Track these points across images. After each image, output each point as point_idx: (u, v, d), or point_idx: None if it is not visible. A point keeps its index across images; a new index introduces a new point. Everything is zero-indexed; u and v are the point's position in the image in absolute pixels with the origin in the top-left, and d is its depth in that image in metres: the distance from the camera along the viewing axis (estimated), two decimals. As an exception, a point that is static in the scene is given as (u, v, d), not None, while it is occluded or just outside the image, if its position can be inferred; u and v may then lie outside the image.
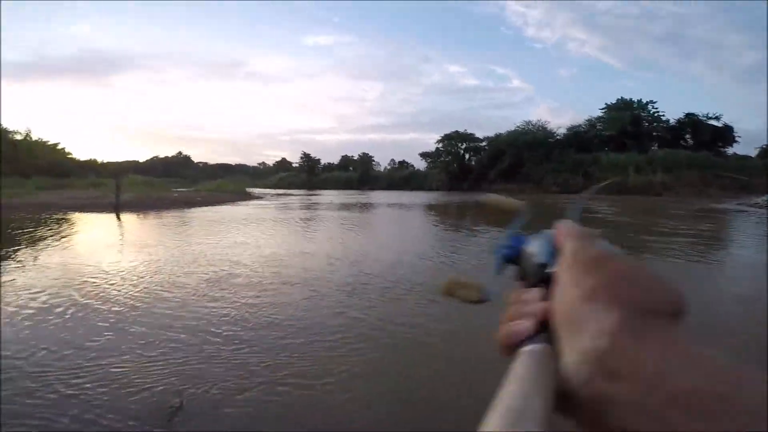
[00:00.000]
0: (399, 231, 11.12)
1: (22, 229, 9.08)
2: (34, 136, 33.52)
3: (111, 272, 4.99)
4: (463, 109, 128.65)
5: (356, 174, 61.38)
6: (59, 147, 36.39)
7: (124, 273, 4.96)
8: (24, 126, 46.53)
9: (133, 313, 3.53)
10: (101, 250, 6.80)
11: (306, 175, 63.30)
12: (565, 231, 0.34)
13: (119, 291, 4.20)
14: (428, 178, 51.22)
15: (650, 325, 0.23)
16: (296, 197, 29.40)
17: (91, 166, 37.83)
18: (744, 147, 41.00)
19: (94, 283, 4.50)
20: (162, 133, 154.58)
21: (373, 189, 50.18)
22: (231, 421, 2.10)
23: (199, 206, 17.61)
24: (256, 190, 34.92)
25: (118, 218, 12.26)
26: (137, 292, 4.18)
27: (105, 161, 47.82)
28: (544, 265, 0.33)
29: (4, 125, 31.50)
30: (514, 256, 0.38)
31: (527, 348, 0.28)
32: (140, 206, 15.65)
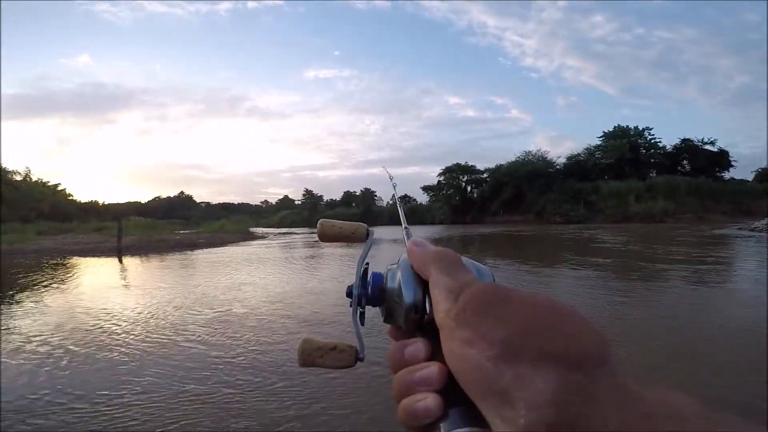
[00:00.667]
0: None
1: (24, 275, 9.03)
2: (34, 177, 33.10)
3: (113, 317, 4.91)
4: (464, 141, 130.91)
5: (359, 210, 61.72)
6: (60, 189, 36.19)
7: (126, 318, 4.88)
8: (23, 166, 46.20)
9: (139, 360, 3.45)
10: (102, 294, 6.72)
11: (308, 213, 63.66)
12: (423, 256, 0.29)
13: (122, 337, 4.11)
14: (431, 211, 51.44)
15: (594, 378, 0.20)
16: (299, 236, 29.41)
17: (93, 208, 37.70)
18: (740, 171, 41.52)
19: (95, 328, 4.41)
20: (164, 173, 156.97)
21: (375, 224, 50.26)
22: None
23: (202, 248, 17.58)
24: (259, 230, 35.01)
25: (121, 262, 12.22)
26: (138, 337, 4.09)
27: (107, 203, 48.26)
28: (415, 307, 0.28)
29: (3, 165, 31.11)
30: (375, 296, 0.32)
31: None
32: (143, 249, 15.64)
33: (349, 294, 0.32)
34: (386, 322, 0.31)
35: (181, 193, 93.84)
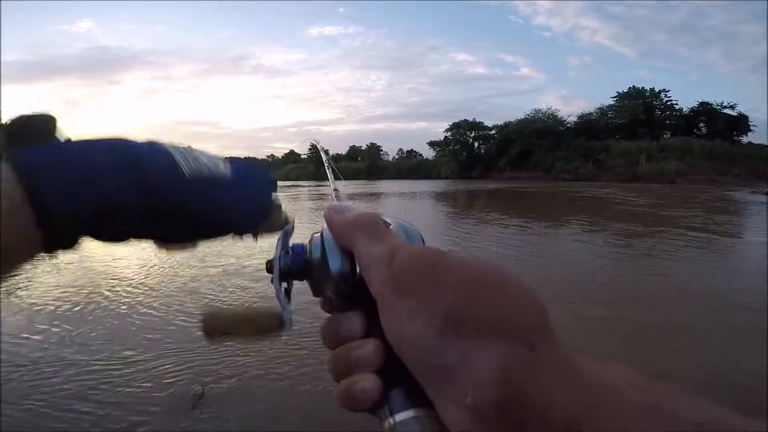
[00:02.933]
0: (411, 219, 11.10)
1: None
2: None
3: (127, 269, 5.09)
4: (472, 98, 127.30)
5: (364, 164, 61.32)
6: None
7: (138, 269, 5.06)
8: None
9: (152, 309, 3.63)
10: (116, 250, 6.90)
11: (314, 167, 63.40)
12: (342, 224, 0.27)
13: (134, 286, 4.29)
14: (437, 166, 51.04)
15: (538, 351, 0.18)
16: (305, 189, 29.50)
17: None
18: (759, 136, 40.43)
19: (112, 281, 4.61)
20: (171, 129, 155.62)
21: (381, 179, 50.18)
22: (251, 408, 2.20)
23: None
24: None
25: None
26: (151, 286, 4.26)
27: None
28: (344, 278, 0.26)
29: None
30: (299, 269, 0.28)
31: (400, 418, 0.21)
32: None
33: (269, 270, 0.29)
34: (316, 295, 0.29)
35: (189, 146, 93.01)
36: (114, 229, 0.27)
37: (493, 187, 25.55)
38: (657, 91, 41.09)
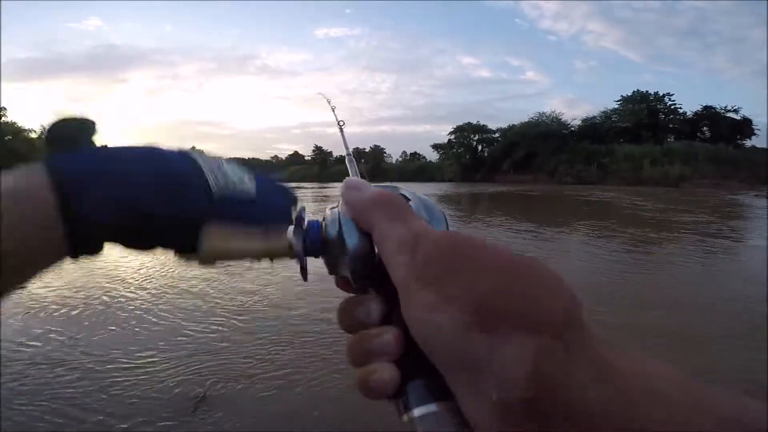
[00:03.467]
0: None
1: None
2: None
3: (127, 271, 5.15)
4: (477, 101, 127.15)
5: (368, 166, 61.42)
6: None
7: (141, 269, 5.13)
8: (38, 125, 47.46)
9: (155, 306, 3.69)
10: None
11: (318, 168, 63.55)
12: (360, 202, 0.25)
13: (138, 286, 4.37)
14: (440, 169, 51.08)
15: (573, 348, 0.17)
16: (309, 190, 29.60)
17: None
18: (763, 140, 40.17)
19: (113, 281, 4.68)
20: (176, 129, 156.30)
21: (385, 181, 50.03)
22: (253, 410, 2.22)
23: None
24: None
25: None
26: (150, 287, 4.34)
27: None
28: (362, 258, 0.24)
29: (19, 124, 32.44)
30: (316, 247, 0.27)
31: (419, 412, 0.20)
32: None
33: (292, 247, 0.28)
34: (331, 273, 0.28)
35: (193, 147, 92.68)
36: (144, 239, 0.27)
37: (497, 190, 25.53)
38: (661, 95, 41.08)
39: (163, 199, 0.26)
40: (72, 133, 0.26)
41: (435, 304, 0.19)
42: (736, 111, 38.41)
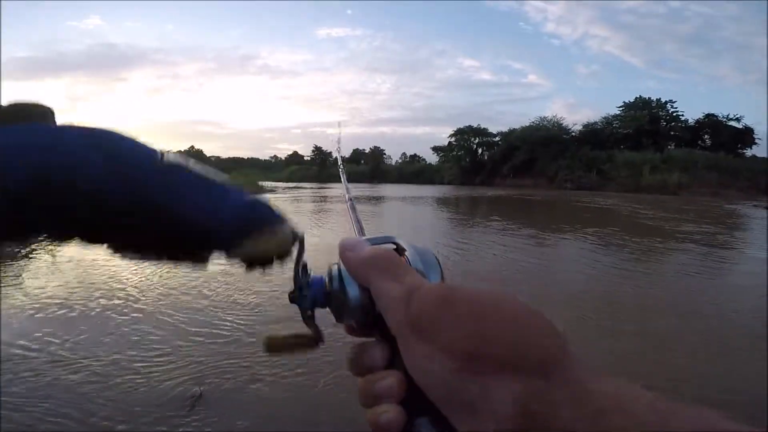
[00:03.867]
0: (411, 225, 11.06)
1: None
2: None
3: (122, 269, 5.07)
4: (477, 104, 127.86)
5: (367, 167, 61.43)
6: None
7: (133, 269, 5.04)
8: None
9: (154, 306, 3.60)
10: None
11: (317, 168, 63.52)
12: (356, 263, 0.26)
13: (128, 286, 4.27)
14: (440, 172, 51.11)
15: (554, 381, 0.19)
16: (308, 190, 29.54)
17: None
18: (764, 149, 40.34)
19: (109, 282, 4.59)
20: (175, 128, 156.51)
21: (384, 182, 50.24)
22: (249, 409, 2.21)
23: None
24: (268, 184, 35.14)
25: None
26: (144, 285, 4.25)
27: None
28: (363, 308, 0.26)
29: None
30: (321, 298, 0.29)
31: None
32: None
33: (292, 300, 0.30)
34: (338, 322, 0.29)
35: (192, 147, 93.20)
36: (65, 217, 0.24)
37: (497, 194, 25.52)
38: (663, 102, 41.12)
39: (98, 170, 0.24)
40: (25, 112, 0.25)
41: (429, 354, 0.21)
42: (738, 119, 38.47)
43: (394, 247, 0.30)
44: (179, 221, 0.26)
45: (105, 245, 0.26)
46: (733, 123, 38.39)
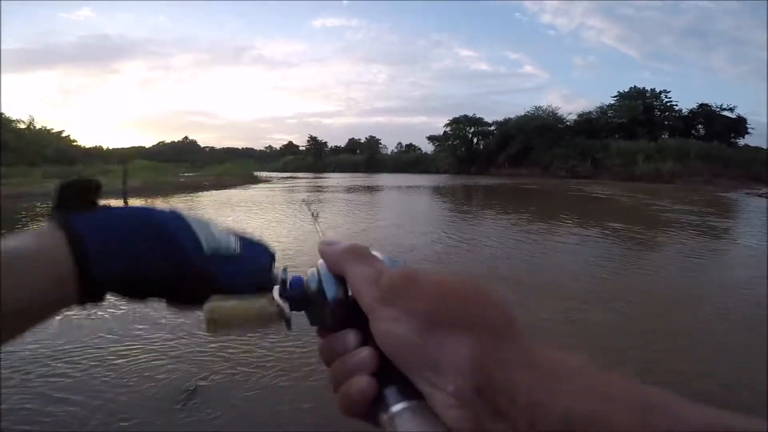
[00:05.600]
0: (407, 214, 11.12)
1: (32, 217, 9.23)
2: (38, 125, 33.80)
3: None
4: (474, 94, 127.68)
5: (363, 157, 61.23)
6: (64, 135, 37.05)
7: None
8: (26, 115, 46.41)
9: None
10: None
11: (313, 158, 63.27)
12: (335, 253, 0.31)
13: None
14: (435, 161, 51.05)
15: (504, 343, 0.22)
16: (303, 180, 29.50)
17: (97, 153, 38.25)
18: (757, 139, 40.45)
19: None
20: (168, 119, 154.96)
21: (379, 172, 50.14)
22: (243, 404, 2.22)
23: (207, 190, 17.77)
24: (263, 174, 35.01)
25: (126, 204, 12.38)
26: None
27: (111, 148, 48.23)
28: (339, 301, 0.29)
29: (7, 114, 31.81)
30: (298, 301, 0.32)
31: (396, 409, 0.24)
32: (148, 192, 15.82)
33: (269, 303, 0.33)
34: (313, 324, 0.32)
35: (185, 138, 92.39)
36: (141, 291, 0.31)
37: (491, 183, 25.52)
38: (658, 91, 41.13)
39: (159, 255, 0.30)
40: (79, 193, 0.29)
41: (396, 317, 0.24)
42: (731, 110, 38.66)
43: None
44: (212, 290, 0.32)
45: (165, 301, 0.32)
46: (726, 113, 38.58)
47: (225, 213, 10.50)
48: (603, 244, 6.90)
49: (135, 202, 12.68)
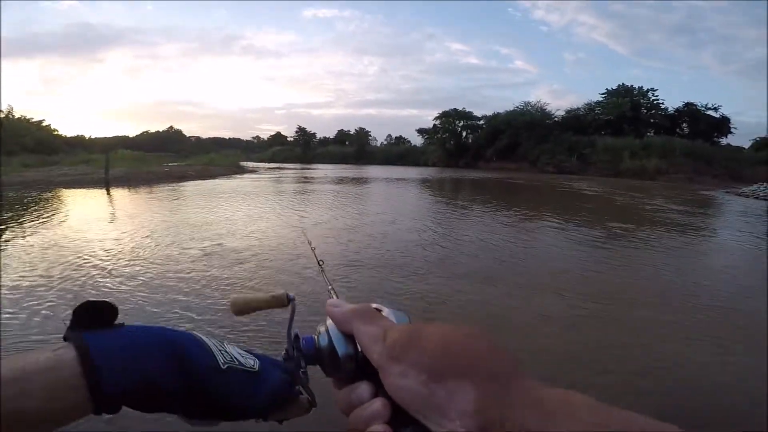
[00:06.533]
0: (395, 205, 11.11)
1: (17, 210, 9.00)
2: (17, 114, 33.13)
3: (104, 254, 5.01)
4: (464, 88, 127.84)
5: (352, 148, 60.89)
6: (45, 124, 36.22)
7: (115, 254, 4.99)
8: (5, 104, 45.01)
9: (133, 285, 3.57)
10: (92, 225, 6.78)
11: (301, 149, 62.71)
12: (342, 315, 0.33)
13: (110, 272, 4.24)
14: (425, 154, 51.04)
15: (508, 387, 0.24)
16: (291, 171, 29.27)
17: (78, 143, 37.44)
18: (740, 139, 41.43)
19: (88, 261, 4.55)
20: (154, 109, 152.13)
21: (369, 164, 50.01)
22: None
23: (192, 180, 17.53)
24: (250, 164, 34.66)
25: (108, 194, 12.18)
26: (128, 272, 4.21)
27: (93, 137, 47.10)
28: (349, 358, 0.33)
29: None
30: (312, 356, 0.36)
31: None
32: (131, 181, 15.55)
33: (286, 359, 0.38)
34: (328, 376, 0.35)
35: (171, 127, 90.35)
36: (155, 405, 0.32)
37: (480, 177, 25.64)
38: (645, 89, 41.61)
39: (170, 370, 0.31)
40: (95, 314, 0.31)
41: (403, 372, 0.26)
42: (716, 109, 39.32)
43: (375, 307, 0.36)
44: (229, 407, 0.34)
45: (179, 415, 0.34)
46: (711, 112, 39.27)
47: (210, 204, 10.34)
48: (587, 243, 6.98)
49: (118, 191, 12.57)
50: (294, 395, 0.38)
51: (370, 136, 68.05)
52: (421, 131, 54.33)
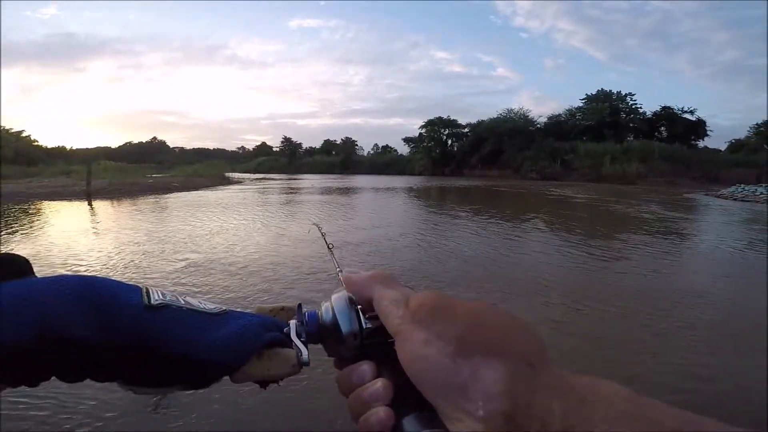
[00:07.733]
0: (385, 221, 11.10)
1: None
2: None
3: (89, 258, 4.89)
4: (448, 96, 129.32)
5: (339, 158, 60.96)
6: (24, 135, 35.45)
7: (100, 260, 4.87)
8: None
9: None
10: (72, 239, 6.63)
11: (287, 159, 62.55)
12: (361, 279, 0.31)
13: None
14: (411, 162, 51.37)
15: (538, 371, 0.22)
16: (277, 181, 29.10)
17: (59, 153, 36.77)
18: (716, 141, 42.81)
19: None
20: (136, 119, 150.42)
21: (355, 173, 50.10)
22: (214, 409, 2.16)
23: (176, 191, 17.29)
24: (236, 175, 34.37)
25: (90, 206, 11.93)
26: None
27: (74, 148, 46.32)
28: (353, 334, 0.30)
29: None
30: (314, 333, 0.33)
31: None
32: (113, 193, 15.25)
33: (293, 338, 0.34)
34: (330, 356, 0.33)
35: (154, 138, 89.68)
36: (71, 365, 0.27)
37: (466, 185, 25.81)
38: (623, 94, 42.69)
39: (78, 318, 0.26)
40: (4, 266, 0.28)
41: (427, 340, 0.24)
42: (692, 112, 40.59)
43: None
44: (173, 358, 0.28)
45: (115, 381, 0.28)
46: (687, 115, 40.43)
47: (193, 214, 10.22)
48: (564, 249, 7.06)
49: (101, 203, 12.32)
50: (275, 345, 0.32)
51: (357, 145, 68.33)
52: (407, 140, 54.82)
